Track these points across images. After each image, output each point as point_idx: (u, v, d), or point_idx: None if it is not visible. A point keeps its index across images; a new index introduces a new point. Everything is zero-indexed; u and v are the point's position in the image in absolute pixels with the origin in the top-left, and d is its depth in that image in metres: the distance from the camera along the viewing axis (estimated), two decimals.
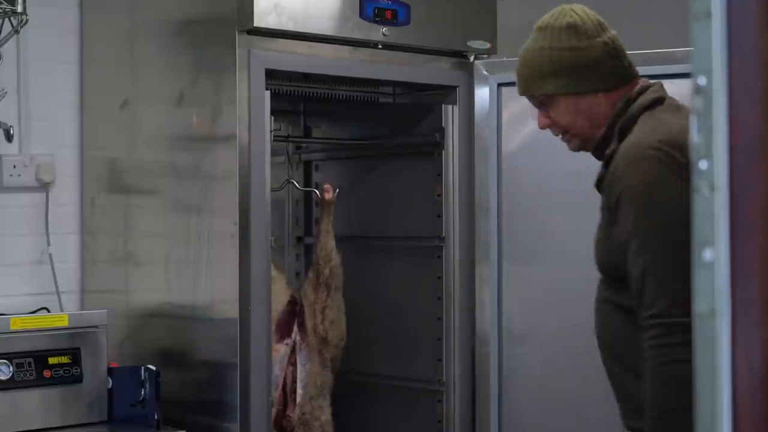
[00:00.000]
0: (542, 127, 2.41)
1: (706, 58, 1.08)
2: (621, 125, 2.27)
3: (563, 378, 3.29)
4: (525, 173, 3.38)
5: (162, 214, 3.36)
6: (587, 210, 2.42)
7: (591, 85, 2.30)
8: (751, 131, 1.06)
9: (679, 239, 1.83)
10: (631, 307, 2.17)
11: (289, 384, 3.41)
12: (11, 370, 3.07)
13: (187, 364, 3.25)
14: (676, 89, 2.40)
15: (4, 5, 3.23)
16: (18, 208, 3.52)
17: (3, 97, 3.37)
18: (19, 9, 3.24)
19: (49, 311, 3.42)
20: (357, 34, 3.25)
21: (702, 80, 1.09)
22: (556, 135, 2.41)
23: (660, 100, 2.29)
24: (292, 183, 3.83)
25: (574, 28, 2.30)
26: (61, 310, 3.48)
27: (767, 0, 1.06)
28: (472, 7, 3.49)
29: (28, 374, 3.10)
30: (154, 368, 3.11)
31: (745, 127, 1.06)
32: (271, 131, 3.13)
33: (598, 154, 2.34)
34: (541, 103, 2.37)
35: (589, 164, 2.40)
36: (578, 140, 2.36)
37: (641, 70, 2.39)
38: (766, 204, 1.05)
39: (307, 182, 4.04)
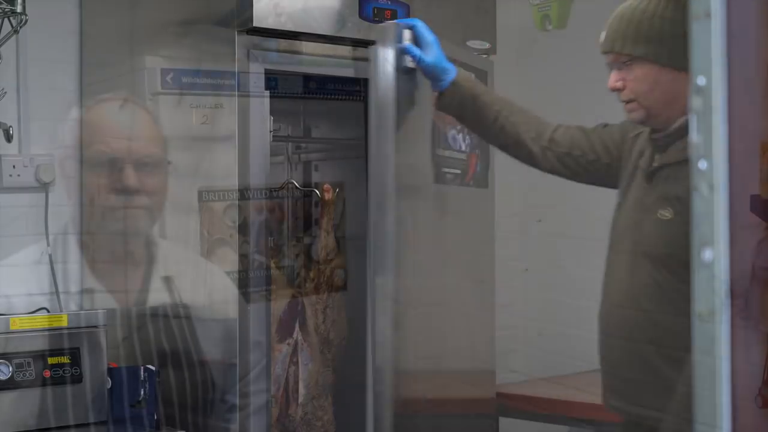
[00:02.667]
0: (612, 89, 2.35)
1: (705, 58, 1.08)
2: None
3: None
4: None
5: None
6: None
7: (680, 62, 2.12)
8: (750, 131, 1.06)
9: None
10: None
11: (291, 384, 3.41)
12: (11, 370, 3.07)
13: (187, 364, 3.25)
14: None
15: (4, 5, 3.22)
16: (18, 208, 3.52)
17: (3, 97, 3.37)
18: (19, 9, 3.24)
19: (48, 311, 3.42)
20: (356, 34, 3.25)
21: (701, 80, 1.08)
22: (621, 101, 2.36)
23: None
24: (292, 183, 3.82)
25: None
26: (61, 310, 3.48)
27: (767, 0, 1.06)
28: (471, 7, 3.49)
29: (27, 374, 3.09)
30: (153, 368, 3.11)
31: (745, 127, 1.06)
32: (271, 131, 3.13)
33: (656, 134, 2.30)
34: (623, 63, 2.32)
35: None
36: (644, 112, 2.31)
37: None
38: (765, 204, 1.05)
39: (306, 182, 4.03)
